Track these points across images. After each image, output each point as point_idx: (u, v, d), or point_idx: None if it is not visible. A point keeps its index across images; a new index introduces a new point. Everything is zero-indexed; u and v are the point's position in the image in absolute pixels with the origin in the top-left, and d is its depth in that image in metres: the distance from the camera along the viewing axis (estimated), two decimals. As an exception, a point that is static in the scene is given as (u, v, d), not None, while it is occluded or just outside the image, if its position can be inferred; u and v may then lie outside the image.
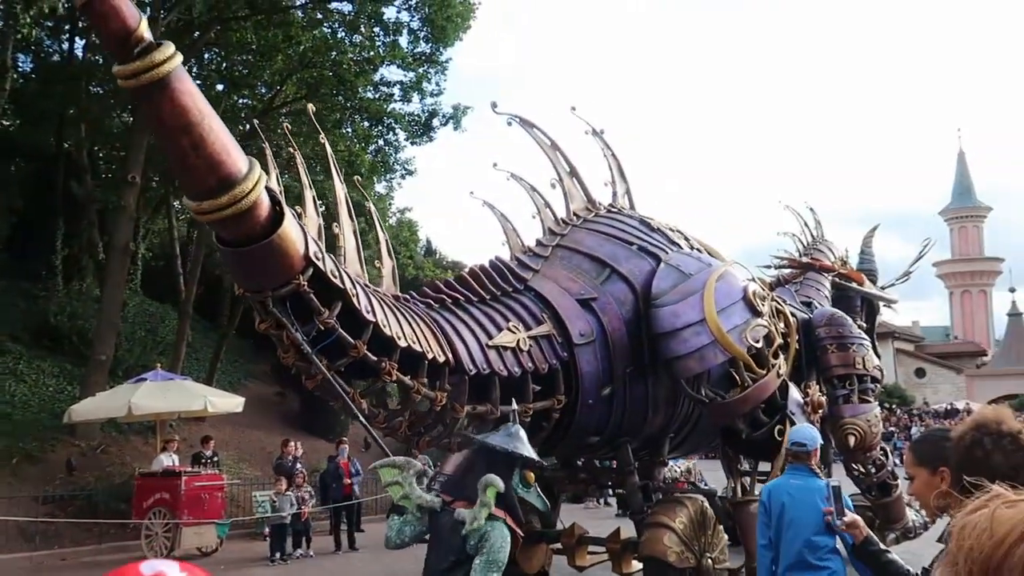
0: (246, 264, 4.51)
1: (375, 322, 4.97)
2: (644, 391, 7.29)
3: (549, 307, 6.83)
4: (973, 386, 41.38)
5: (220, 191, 3.90)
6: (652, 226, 8.01)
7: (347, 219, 5.64)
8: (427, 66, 18.11)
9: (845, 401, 8.42)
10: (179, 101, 3.66)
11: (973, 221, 51.37)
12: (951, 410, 35.54)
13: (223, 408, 13.91)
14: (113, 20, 3.44)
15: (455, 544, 4.21)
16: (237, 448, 17.23)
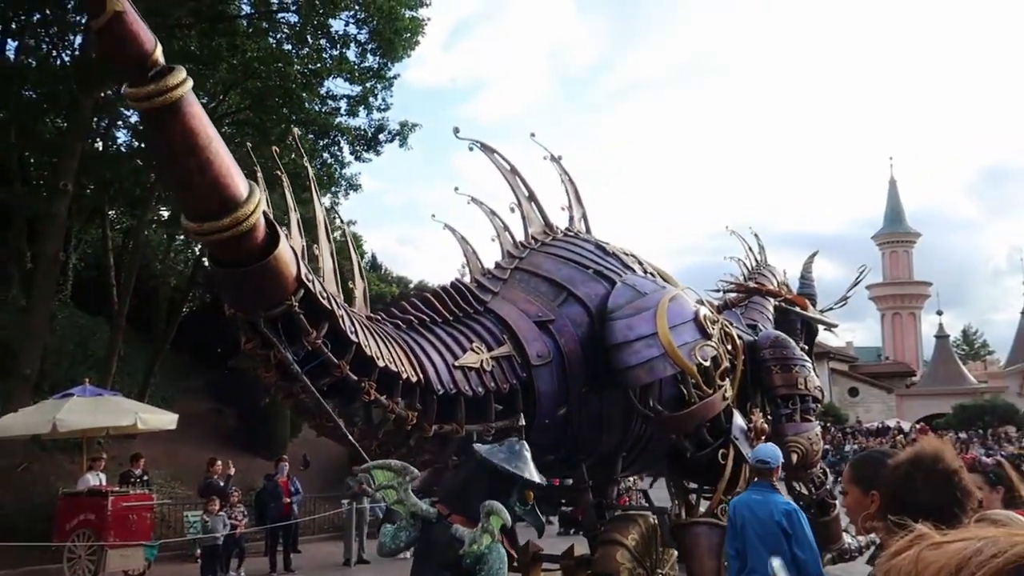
0: (241, 285, 4.57)
1: (357, 343, 5.07)
2: (598, 411, 7.48)
3: (508, 329, 6.99)
4: (903, 405, 42.80)
5: (222, 213, 3.98)
6: (607, 250, 8.28)
7: (325, 240, 5.78)
8: (374, 80, 18.01)
9: (788, 420, 8.71)
10: (189, 124, 3.74)
11: (903, 246, 53.34)
12: (882, 428, 36.66)
13: (155, 425, 13.45)
14: (131, 44, 3.49)
15: (450, 558, 4.22)
16: (170, 466, 16.69)
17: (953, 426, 34.51)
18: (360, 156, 19.23)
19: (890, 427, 36.64)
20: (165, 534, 13.22)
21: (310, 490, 15.43)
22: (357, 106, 18.39)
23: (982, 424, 33.30)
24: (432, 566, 4.31)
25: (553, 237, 8.31)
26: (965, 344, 64.02)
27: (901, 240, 53.15)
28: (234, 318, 5.04)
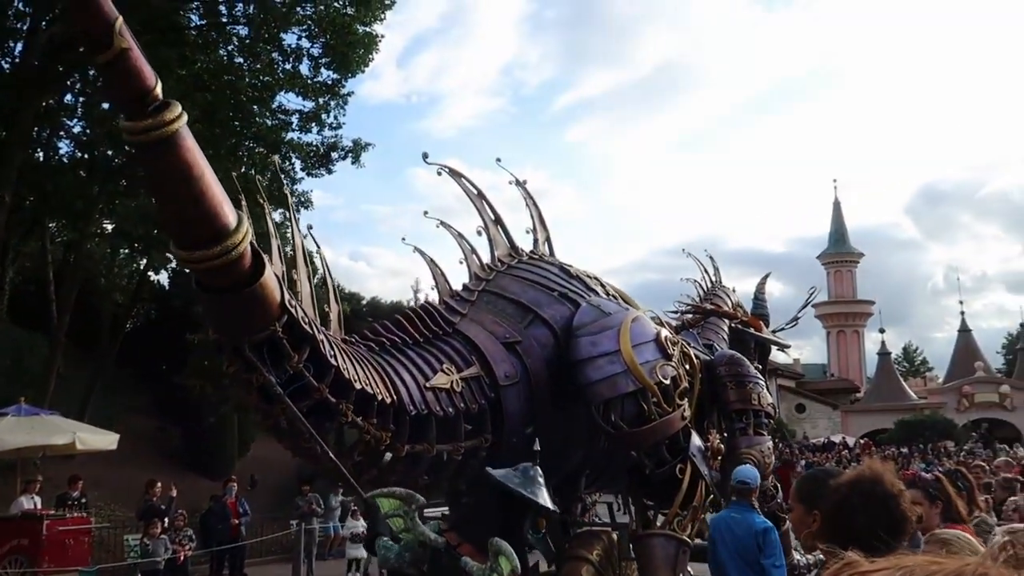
0: (228, 311, 4.72)
1: (336, 366, 5.21)
2: (564, 430, 7.62)
3: (476, 350, 7.14)
4: (847, 421, 43.81)
5: (212, 242, 4.11)
6: (571, 273, 8.56)
7: (303, 265, 5.97)
8: (328, 96, 17.88)
9: (742, 433, 9.08)
10: (184, 157, 3.86)
11: (847, 266, 54.83)
12: (828, 444, 37.44)
13: (95, 445, 13.01)
14: (135, 79, 3.60)
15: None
16: (110, 488, 16.15)
17: (895, 441, 35.45)
18: (312, 172, 19.04)
19: (835, 443, 37.45)
20: (104, 559, 12.75)
21: (258, 511, 15.08)
22: (309, 122, 18.23)
23: (922, 439, 34.24)
24: None
25: (519, 260, 8.53)
26: (906, 361, 65.94)
27: (845, 260, 54.63)
28: (218, 343, 5.16)
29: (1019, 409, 40.35)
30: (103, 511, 14.43)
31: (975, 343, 47.17)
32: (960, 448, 32.49)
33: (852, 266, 55.19)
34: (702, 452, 8.18)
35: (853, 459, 28.74)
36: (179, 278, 21.29)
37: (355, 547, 14.23)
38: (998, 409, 40.57)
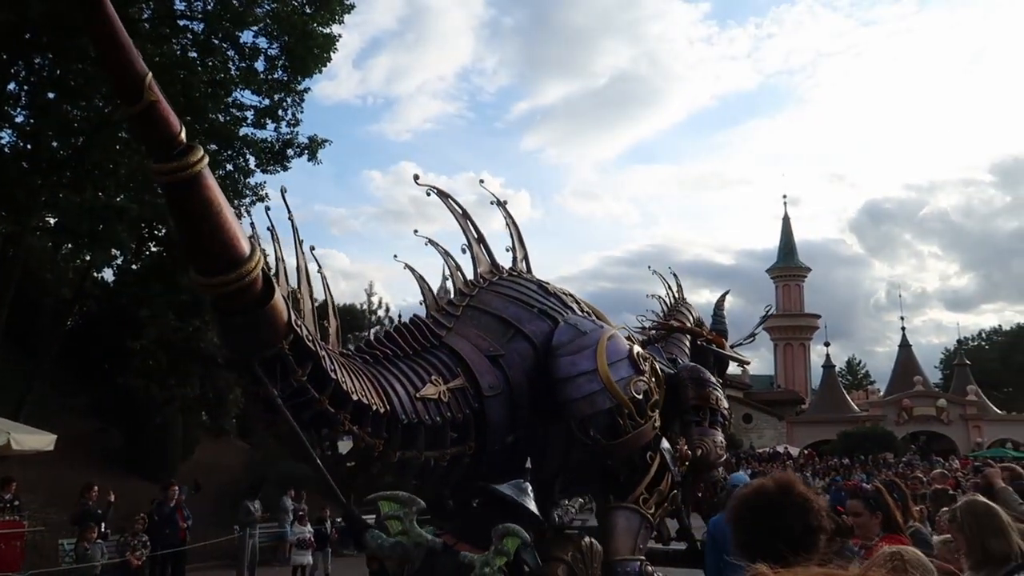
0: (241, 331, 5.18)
1: (336, 379, 5.63)
2: (542, 439, 8.11)
3: (462, 362, 7.60)
4: (792, 432, 44.75)
5: (229, 270, 4.56)
6: (548, 290, 9.13)
7: (305, 283, 6.43)
8: (283, 94, 17.65)
9: (697, 425, 9.81)
10: (205, 195, 4.30)
11: (795, 280, 56.13)
12: (773, 454, 38.17)
13: (30, 446, 12.58)
14: (163, 127, 4.02)
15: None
16: (47, 491, 15.59)
17: (838, 452, 36.29)
18: (266, 168, 18.75)
19: (780, 453, 38.21)
20: (37, 563, 12.31)
21: (199, 516, 14.73)
22: (264, 118, 17.96)
23: (863, 450, 35.15)
24: None
25: (499, 276, 8.99)
26: (850, 374, 67.68)
27: (793, 274, 55.93)
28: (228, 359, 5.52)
29: (955, 423, 41.74)
30: (37, 515, 13.92)
31: (915, 358, 48.67)
32: (899, 460, 33.43)
33: (800, 280, 56.51)
34: (671, 453, 8.73)
35: (797, 469, 29.34)
36: (124, 276, 20.73)
37: (301, 553, 14.02)
38: (935, 422, 41.91)
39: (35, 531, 13.11)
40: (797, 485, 2.20)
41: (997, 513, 3.48)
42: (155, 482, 16.41)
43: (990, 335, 65.80)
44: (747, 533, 2.14)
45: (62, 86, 17.14)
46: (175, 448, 19.64)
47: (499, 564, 4.54)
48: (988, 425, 41.96)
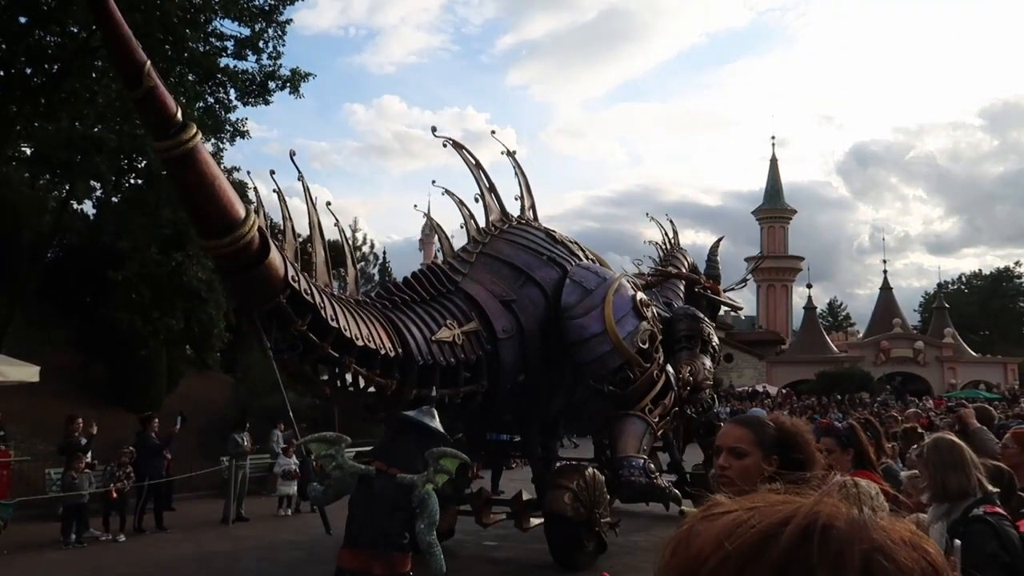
0: (241, 287, 5.72)
1: (338, 328, 6.23)
2: (548, 379, 8.87)
3: (477, 307, 8.19)
4: (772, 371, 45.47)
5: (225, 232, 5.05)
6: (556, 238, 9.75)
7: (319, 239, 7.11)
8: (264, 23, 17.12)
9: (687, 350, 10.75)
10: (199, 168, 4.81)
11: (780, 222, 56.19)
12: (752, 392, 38.88)
13: (14, 377, 12.59)
14: (161, 109, 4.60)
15: (401, 503, 5.20)
16: (31, 422, 15.67)
17: (815, 391, 37.02)
18: (248, 102, 18.33)
19: (759, 391, 38.90)
20: (24, 492, 12.46)
21: (185, 448, 14.89)
22: (245, 48, 17.46)
23: (840, 390, 35.85)
24: (384, 512, 5.19)
25: (510, 225, 9.58)
26: (830, 316, 68.57)
27: (779, 216, 55.95)
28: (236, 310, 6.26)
29: (931, 364, 42.56)
30: (22, 445, 14.02)
31: (895, 301, 49.25)
32: (875, 399, 34.16)
33: (785, 222, 56.61)
34: (675, 377, 9.75)
35: (775, 407, 29.95)
36: (105, 210, 20.43)
37: (287, 484, 14.25)
38: (912, 364, 42.71)
39: (21, 460, 13.23)
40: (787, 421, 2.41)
41: (960, 449, 3.58)
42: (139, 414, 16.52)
43: (970, 279, 66.62)
44: None
45: (35, 10, 16.54)
46: (160, 381, 19.69)
47: (441, 481, 5.24)
48: (963, 367, 42.83)
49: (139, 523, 12.19)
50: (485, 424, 9.49)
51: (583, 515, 8.85)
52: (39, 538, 11.46)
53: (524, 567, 9.65)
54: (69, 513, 11.25)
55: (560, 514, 8.73)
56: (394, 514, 5.18)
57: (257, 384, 20.37)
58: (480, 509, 9.89)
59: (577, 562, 8.98)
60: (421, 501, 5.10)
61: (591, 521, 8.97)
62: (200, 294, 18.18)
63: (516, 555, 10.19)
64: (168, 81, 17.16)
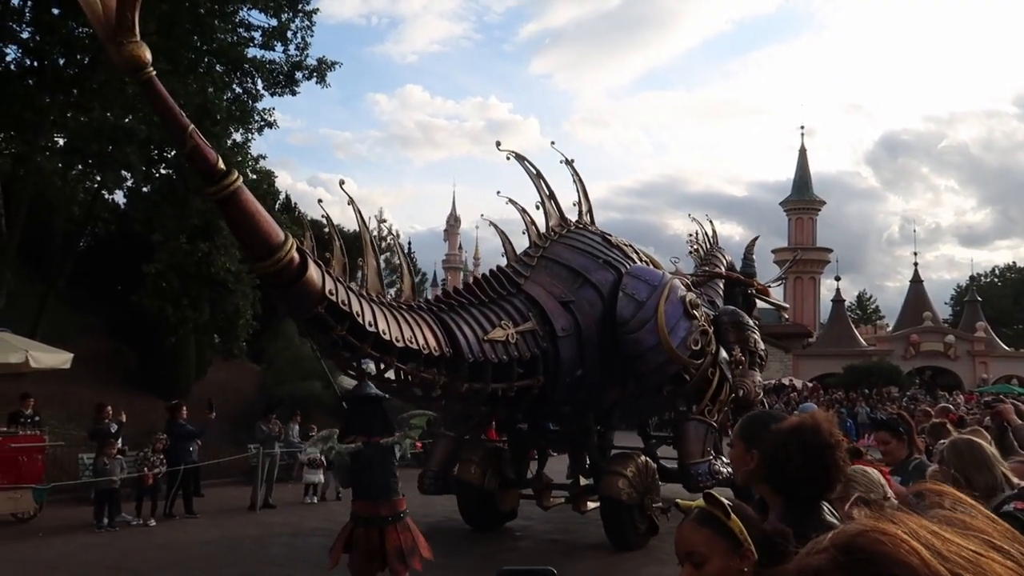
0: (287, 300, 6.78)
1: (375, 332, 7.17)
2: (603, 374, 9.52)
3: (538, 307, 8.98)
4: (798, 365, 45.02)
5: (268, 255, 6.01)
6: (611, 242, 10.41)
7: (370, 252, 8.10)
8: (291, 14, 17.20)
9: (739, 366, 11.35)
10: (242, 205, 5.77)
11: (808, 214, 55.45)
12: (779, 386, 38.51)
13: (48, 363, 12.83)
14: (205, 161, 5.53)
15: (390, 459, 6.65)
16: (64, 407, 15.99)
17: (842, 385, 36.60)
18: (275, 92, 18.45)
19: (785, 384, 38.53)
20: (58, 476, 12.73)
21: (213, 435, 15.10)
22: (272, 39, 17.56)
23: (868, 384, 35.41)
24: (380, 470, 6.58)
25: (568, 229, 10.25)
26: (859, 309, 67.65)
27: (807, 207, 55.22)
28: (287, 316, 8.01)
29: (962, 359, 41.87)
30: (56, 430, 14.31)
31: (925, 294, 48.47)
32: (903, 394, 33.70)
33: (813, 214, 55.90)
34: (727, 363, 10.37)
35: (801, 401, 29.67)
36: (136, 200, 20.70)
37: (312, 472, 14.38)
38: (942, 358, 42.04)
39: (55, 445, 13.50)
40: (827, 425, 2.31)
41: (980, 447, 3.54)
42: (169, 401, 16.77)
43: (1003, 272, 65.38)
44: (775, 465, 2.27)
45: (67, 1, 16.76)
46: (188, 369, 19.97)
47: (416, 435, 6.90)
48: (995, 361, 42.08)
49: (170, 508, 12.39)
50: (544, 414, 10.34)
51: (636, 499, 9.57)
52: (72, 522, 11.70)
53: (579, 547, 10.32)
54: (101, 498, 11.47)
55: (615, 498, 9.47)
56: (387, 469, 6.60)
57: (283, 373, 20.58)
58: (541, 493, 10.75)
59: (631, 543, 9.68)
60: (404, 453, 6.85)
61: (644, 505, 9.67)
62: (227, 284, 18.37)
63: (571, 537, 10.91)
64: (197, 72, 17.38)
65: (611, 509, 9.66)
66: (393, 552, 6.43)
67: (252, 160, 18.89)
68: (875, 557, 0.55)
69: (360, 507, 6.64)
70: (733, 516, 1.81)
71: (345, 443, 6.55)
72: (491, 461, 10.57)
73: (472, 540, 10.56)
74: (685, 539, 1.88)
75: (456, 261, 71.95)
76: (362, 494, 6.61)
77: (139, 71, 4.92)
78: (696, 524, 1.87)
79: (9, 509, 11.32)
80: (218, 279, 18.05)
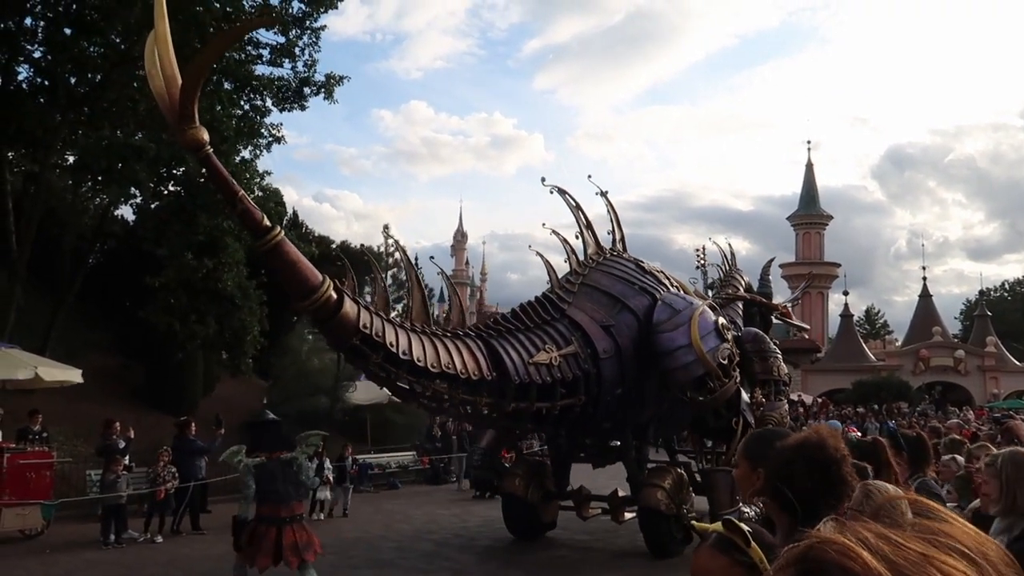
0: (327, 332, 7.84)
1: (410, 359, 7.94)
2: (641, 392, 10.22)
3: (580, 331, 9.65)
4: (807, 380, 44.76)
5: (308, 296, 6.92)
6: (645, 268, 11.13)
7: (416, 286, 9.06)
8: (299, 30, 17.35)
9: (766, 398, 11.76)
10: (284, 255, 6.71)
11: (816, 228, 55.35)
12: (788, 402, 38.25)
13: (57, 379, 12.87)
14: (252, 219, 6.50)
15: (289, 471, 7.90)
16: (73, 423, 16.01)
17: (851, 401, 36.35)
18: (284, 108, 18.58)
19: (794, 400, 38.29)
20: (66, 492, 12.73)
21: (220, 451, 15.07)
22: (280, 56, 17.71)
23: (878, 400, 35.16)
24: (281, 479, 7.81)
25: (604, 257, 11.01)
26: (868, 323, 67.31)
27: (815, 222, 55.13)
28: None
29: (972, 374, 41.57)
30: (64, 446, 14.33)
31: (934, 308, 48.21)
32: (913, 409, 33.45)
33: (821, 228, 55.80)
34: (749, 406, 10.77)
35: (811, 417, 29.48)
36: (144, 216, 20.82)
37: (320, 489, 14.36)
38: (952, 373, 41.75)
39: (63, 462, 13.51)
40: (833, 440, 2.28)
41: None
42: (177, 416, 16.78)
43: (1013, 286, 64.97)
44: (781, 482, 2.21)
45: (79, 21, 16.96)
46: (196, 384, 19.99)
47: (311, 452, 8.23)
48: (1006, 377, 41.76)
49: (177, 525, 12.36)
50: (587, 430, 11.06)
51: (673, 510, 10.15)
52: (80, 538, 11.69)
53: (614, 555, 10.97)
54: (108, 514, 11.46)
55: (654, 509, 10.08)
56: (287, 479, 7.81)
57: (290, 389, 20.59)
58: (580, 504, 11.44)
59: (669, 551, 10.25)
60: (299, 466, 7.89)
61: (680, 515, 10.22)
62: (235, 300, 18.42)
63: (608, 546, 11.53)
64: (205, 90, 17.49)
65: (650, 519, 10.28)
66: (289, 546, 7.68)
67: (259, 177, 18.99)
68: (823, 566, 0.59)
69: (264, 510, 7.84)
70: (753, 544, 1.73)
71: (251, 457, 7.95)
72: (534, 475, 11.33)
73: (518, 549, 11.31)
74: (702, 567, 1.79)
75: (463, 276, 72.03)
76: (266, 499, 7.82)
77: (198, 150, 6.07)
78: (714, 551, 1.78)
79: (17, 525, 11.32)
80: (225, 294, 18.11)
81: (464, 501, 16.55)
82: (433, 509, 15.30)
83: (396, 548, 11.41)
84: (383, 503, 16.33)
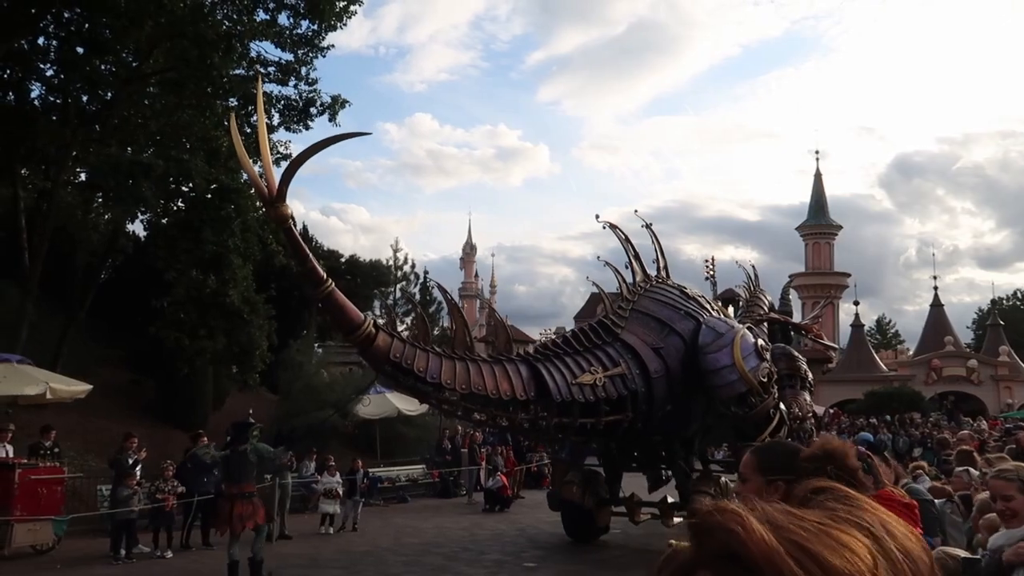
0: (365, 359, 9.33)
1: (438, 382, 8.88)
2: (688, 408, 11.11)
3: (633, 353, 10.49)
4: (819, 391, 44.35)
5: (353, 331, 8.30)
6: (688, 294, 12.06)
7: (457, 315, 10.11)
8: (305, 48, 17.50)
9: (790, 388, 12.78)
10: (336, 301, 8.05)
11: (825, 238, 55.15)
12: (798, 412, 38.02)
13: (67, 395, 12.96)
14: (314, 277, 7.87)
15: (245, 458, 9.83)
16: (83, 438, 16.10)
17: (863, 411, 36.10)
18: (290, 127, 18.73)
19: (805, 411, 38.02)
20: (77, 508, 12.79)
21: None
22: (287, 74, 17.86)
23: (890, 410, 34.90)
24: (240, 464, 9.82)
25: (651, 284, 11.96)
26: (879, 333, 66.89)
27: (824, 232, 54.93)
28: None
29: (985, 383, 41.23)
30: (75, 461, 14.40)
31: (946, 318, 47.88)
32: (926, 419, 33.18)
33: (830, 238, 55.59)
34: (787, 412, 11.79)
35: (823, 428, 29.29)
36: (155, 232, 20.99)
37: (329, 502, 14.36)
38: (965, 383, 41.41)
39: (75, 477, 13.57)
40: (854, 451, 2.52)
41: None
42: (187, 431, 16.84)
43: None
44: None
45: (91, 40, 17.18)
46: (205, 399, 20.07)
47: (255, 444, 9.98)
48: (1019, 386, 41.37)
49: (186, 539, 12.39)
50: (638, 444, 12.15)
51: None
52: (90, 553, 11.73)
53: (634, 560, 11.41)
54: (118, 529, 11.50)
55: None
56: (245, 463, 9.79)
57: (299, 403, 20.63)
58: (632, 510, 12.25)
59: None
60: (255, 450, 9.92)
61: None
62: (242, 314, 18.51)
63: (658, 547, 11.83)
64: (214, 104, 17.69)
65: None
66: (236, 516, 9.51)
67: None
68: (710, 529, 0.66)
69: (227, 487, 9.95)
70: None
71: (219, 450, 10.84)
72: (589, 483, 12.12)
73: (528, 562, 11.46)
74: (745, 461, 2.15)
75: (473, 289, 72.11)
76: (228, 479, 10.00)
77: (284, 222, 7.50)
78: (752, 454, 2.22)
79: (29, 541, 11.37)
80: (233, 309, 18.20)
81: (474, 514, 16.53)
82: (442, 522, 15.29)
83: (405, 562, 11.40)
84: (392, 516, 16.33)
